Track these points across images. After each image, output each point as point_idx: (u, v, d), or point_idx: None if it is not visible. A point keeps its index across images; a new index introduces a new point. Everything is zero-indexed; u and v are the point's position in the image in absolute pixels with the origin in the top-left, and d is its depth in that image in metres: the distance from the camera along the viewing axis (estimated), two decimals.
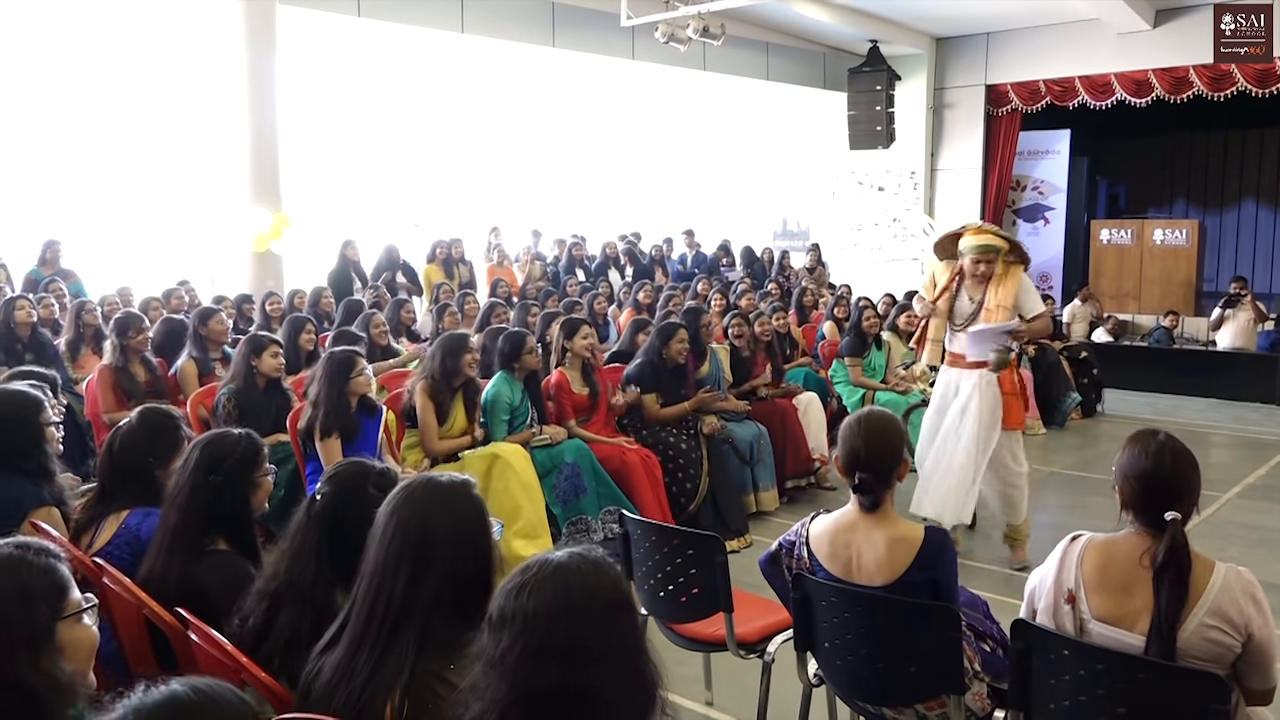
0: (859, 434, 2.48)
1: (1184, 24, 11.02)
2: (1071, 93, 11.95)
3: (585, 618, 1.42)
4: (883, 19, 11.79)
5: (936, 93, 13.01)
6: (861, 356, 7.20)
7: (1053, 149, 13.28)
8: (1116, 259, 13.08)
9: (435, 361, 4.75)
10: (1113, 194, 15.82)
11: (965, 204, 12.89)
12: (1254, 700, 2.14)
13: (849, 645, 2.46)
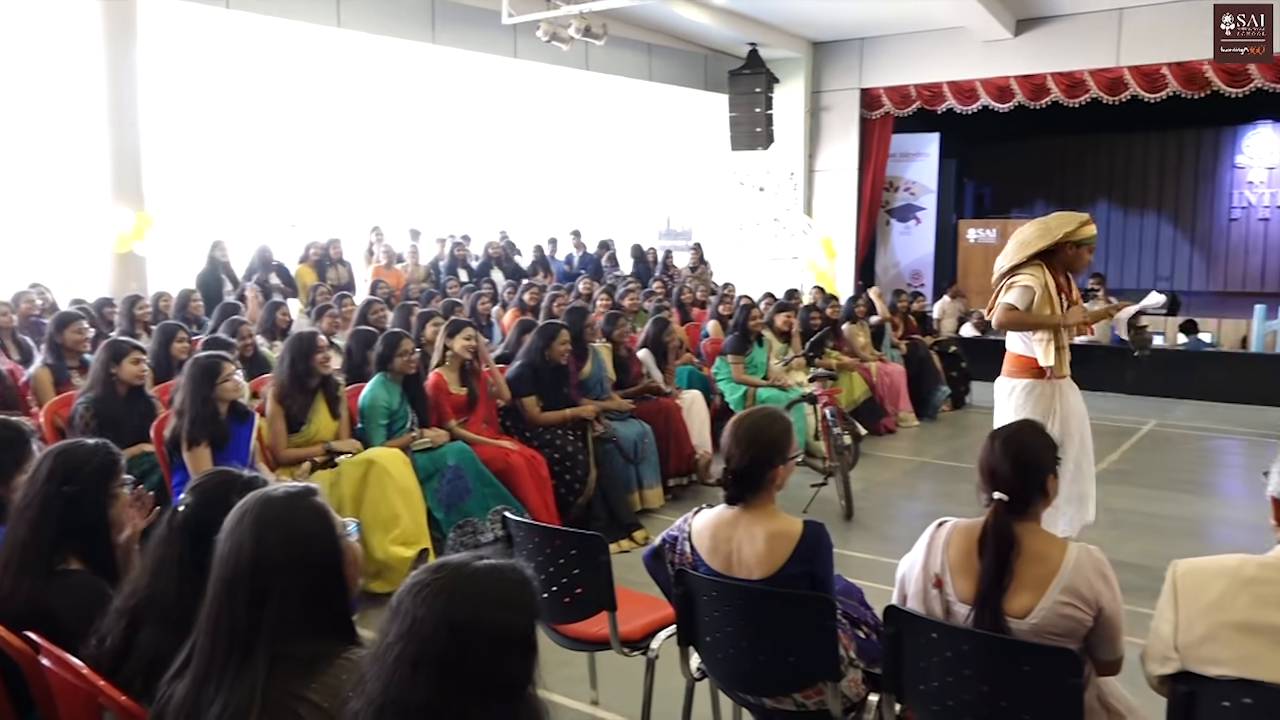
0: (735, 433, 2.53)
1: (1043, 33, 11.61)
2: (940, 97, 12.44)
3: (469, 640, 1.34)
4: (761, 23, 12.03)
5: (814, 96, 13.35)
6: (744, 354, 7.33)
7: (923, 151, 13.81)
8: (983, 257, 13.66)
9: (284, 365, 4.62)
10: (979, 195, 16.56)
11: (842, 204, 13.28)
12: (1104, 670, 2.27)
13: (730, 638, 2.50)
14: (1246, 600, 1.89)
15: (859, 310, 9.08)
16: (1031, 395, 4.55)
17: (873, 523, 5.92)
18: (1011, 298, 4.44)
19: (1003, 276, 4.59)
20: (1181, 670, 1.97)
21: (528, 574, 1.45)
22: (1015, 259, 4.52)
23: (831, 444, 6.08)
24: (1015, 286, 4.46)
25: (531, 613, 1.42)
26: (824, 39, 13.09)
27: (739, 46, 12.69)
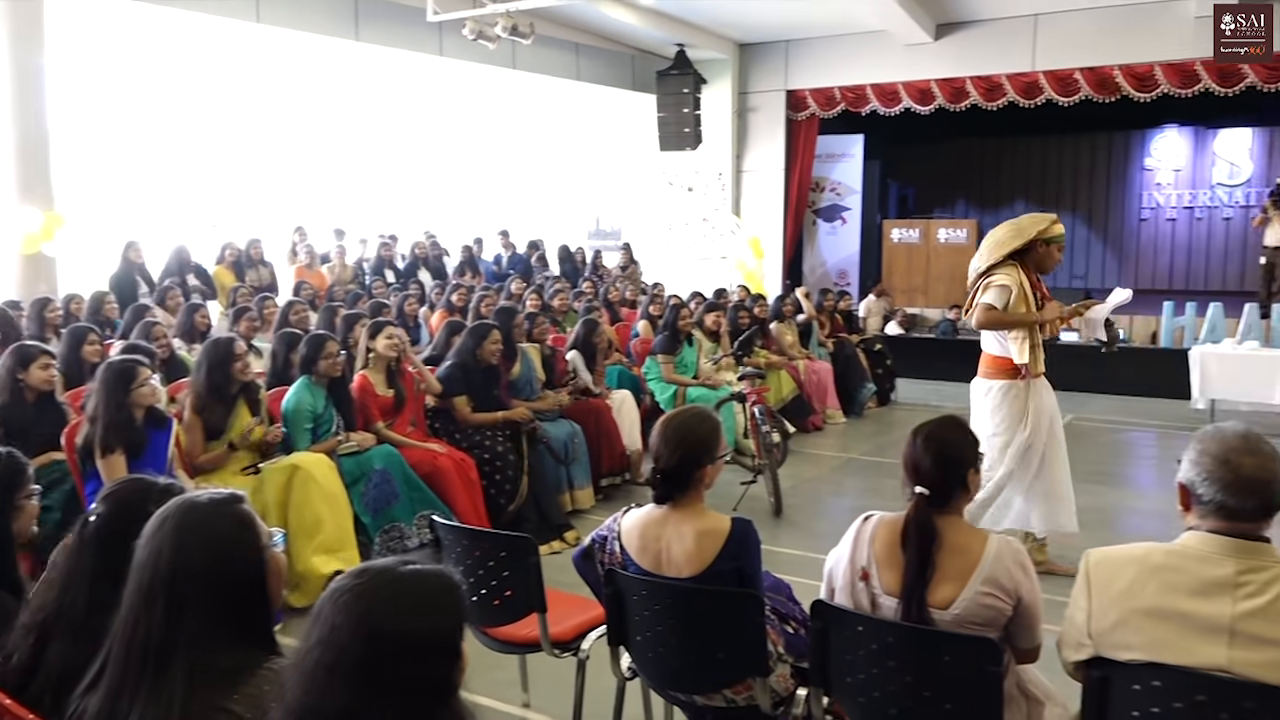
0: (663, 432, 2.54)
1: (962, 37, 11.89)
2: (864, 100, 12.65)
3: (387, 647, 1.31)
4: (688, 24, 12.09)
5: (741, 97, 13.47)
6: (674, 354, 7.36)
7: (848, 153, 14.04)
8: (906, 257, 13.97)
9: (201, 374, 4.48)
10: (902, 196, 16.89)
11: (769, 204, 13.43)
12: (1023, 658, 2.33)
13: (660, 637, 2.51)
14: (1155, 587, 1.96)
15: (787, 309, 9.19)
16: (1007, 396, 4.62)
17: (801, 519, 6.00)
18: (990, 298, 4.53)
19: (979, 277, 4.66)
20: (1095, 656, 2.03)
21: (453, 579, 1.42)
22: (990, 259, 4.60)
23: (760, 442, 6.14)
24: (992, 287, 4.54)
25: (456, 619, 1.39)
26: (750, 40, 13.22)
27: (667, 47, 12.74)
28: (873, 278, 13.99)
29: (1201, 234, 16.45)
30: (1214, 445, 1.98)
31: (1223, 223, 16.25)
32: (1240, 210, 15.95)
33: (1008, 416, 4.62)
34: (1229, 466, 1.93)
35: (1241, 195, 16.05)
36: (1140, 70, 11.00)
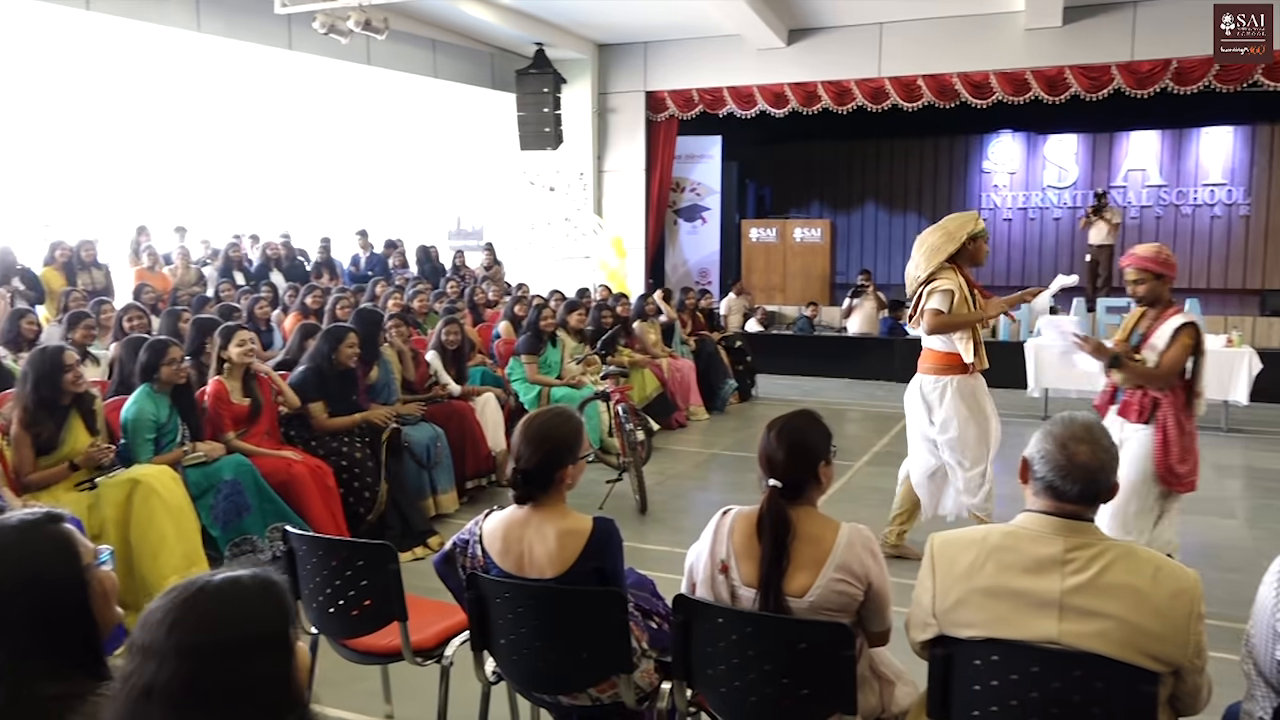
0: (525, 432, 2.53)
1: (813, 43, 12.27)
2: (721, 102, 12.90)
3: (201, 661, 1.26)
4: (547, 23, 12.05)
5: (601, 97, 13.52)
6: (538, 354, 7.33)
7: (707, 154, 14.29)
8: (764, 255, 14.33)
9: (27, 386, 4.15)
10: (760, 196, 17.31)
11: (631, 204, 13.53)
12: (875, 641, 2.43)
13: (524, 639, 2.50)
14: (992, 567, 2.08)
15: (649, 308, 9.29)
16: (961, 390, 4.83)
17: (666, 515, 6.07)
18: (936, 303, 4.71)
19: (920, 284, 4.84)
20: (940, 635, 2.13)
21: (270, 578, 1.37)
22: (929, 266, 4.78)
23: (625, 440, 6.19)
24: (936, 292, 4.72)
25: (275, 615, 1.34)
26: (609, 41, 13.28)
27: (526, 46, 12.66)
28: (733, 276, 14.29)
29: (1035, 233, 17.50)
30: (1058, 430, 2.11)
31: (1053, 222, 17.33)
32: (1068, 211, 17.05)
33: (969, 408, 4.85)
34: (1065, 452, 2.06)
35: (1069, 197, 17.15)
36: (977, 78, 11.61)
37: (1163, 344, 3.99)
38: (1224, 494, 6.62)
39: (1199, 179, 16.43)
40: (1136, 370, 4.03)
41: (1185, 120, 15.86)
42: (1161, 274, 4.09)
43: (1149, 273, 4.08)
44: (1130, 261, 4.14)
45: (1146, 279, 4.09)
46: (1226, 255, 16.32)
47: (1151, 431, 4.01)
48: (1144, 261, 4.09)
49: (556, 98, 12.82)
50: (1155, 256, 4.10)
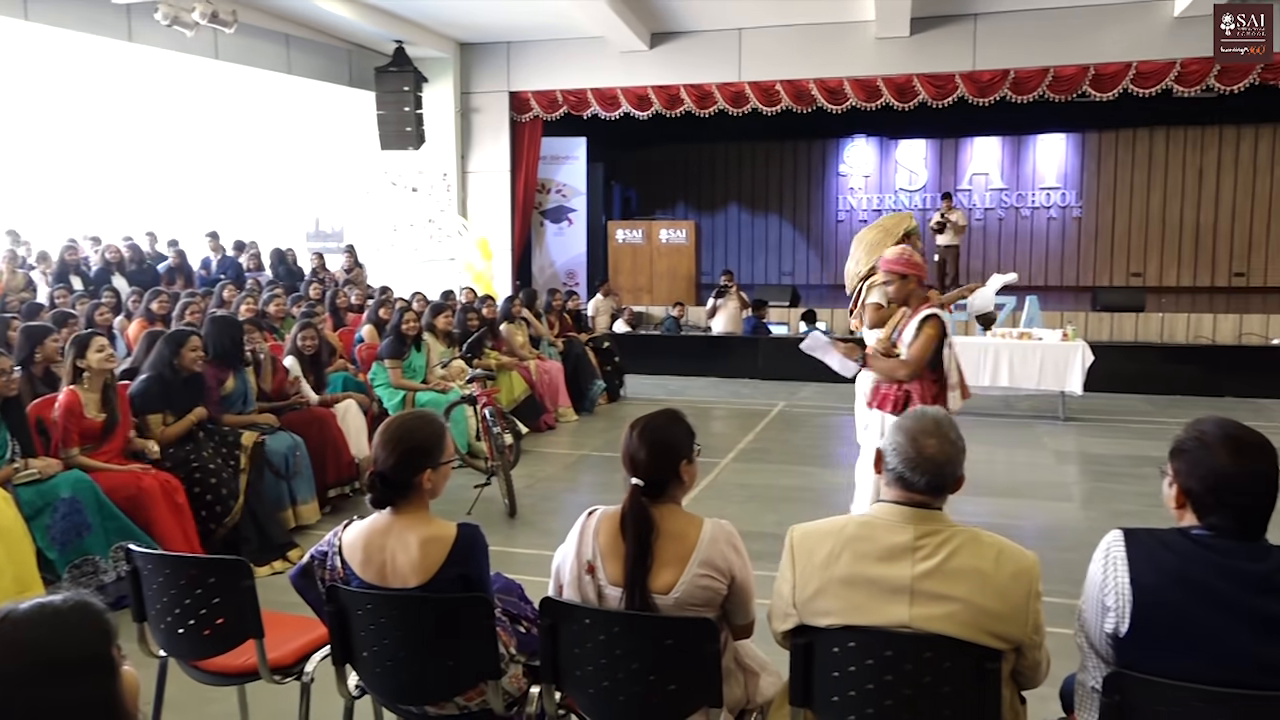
0: (384, 436, 2.47)
1: (675, 47, 12.44)
2: (585, 103, 12.93)
3: (16, 687, 1.22)
4: (407, 20, 11.81)
5: (464, 97, 13.35)
6: (402, 358, 7.18)
7: (572, 155, 14.29)
8: (631, 256, 14.44)
9: None
10: (626, 197, 17.42)
11: (496, 205, 13.41)
12: (739, 634, 2.48)
13: (387, 650, 2.44)
14: (849, 556, 2.15)
15: (516, 309, 9.22)
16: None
17: (536, 518, 6.04)
18: (876, 297, 4.87)
19: (860, 280, 5.00)
20: (800, 624, 2.19)
21: (85, 602, 1.32)
22: (868, 263, 4.95)
23: (492, 444, 6.12)
24: (876, 287, 4.88)
25: (92, 643, 1.29)
26: (471, 40, 13.12)
27: (385, 43, 12.38)
28: (600, 277, 14.33)
29: None
30: (909, 425, 2.20)
31: None
32: (919, 213, 17.80)
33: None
34: (915, 445, 2.15)
35: (920, 199, 17.94)
36: (832, 84, 12.01)
37: (910, 337, 4.26)
38: (1061, 479, 7.05)
39: (1036, 183, 17.46)
40: (885, 363, 4.29)
41: (1023, 127, 16.84)
42: (907, 274, 4.35)
43: (896, 274, 4.35)
44: (882, 266, 4.40)
45: (894, 280, 4.36)
46: (1061, 255, 17.40)
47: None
48: (891, 264, 4.35)
49: (418, 97, 12.58)
50: (899, 257, 4.37)
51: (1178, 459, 2.04)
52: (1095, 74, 11.19)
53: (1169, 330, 11.64)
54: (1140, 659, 1.96)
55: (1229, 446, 1.96)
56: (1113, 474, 7.03)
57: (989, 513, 5.99)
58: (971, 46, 11.47)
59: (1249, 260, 16.61)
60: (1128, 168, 17.03)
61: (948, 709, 2.06)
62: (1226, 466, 1.95)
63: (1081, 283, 16.78)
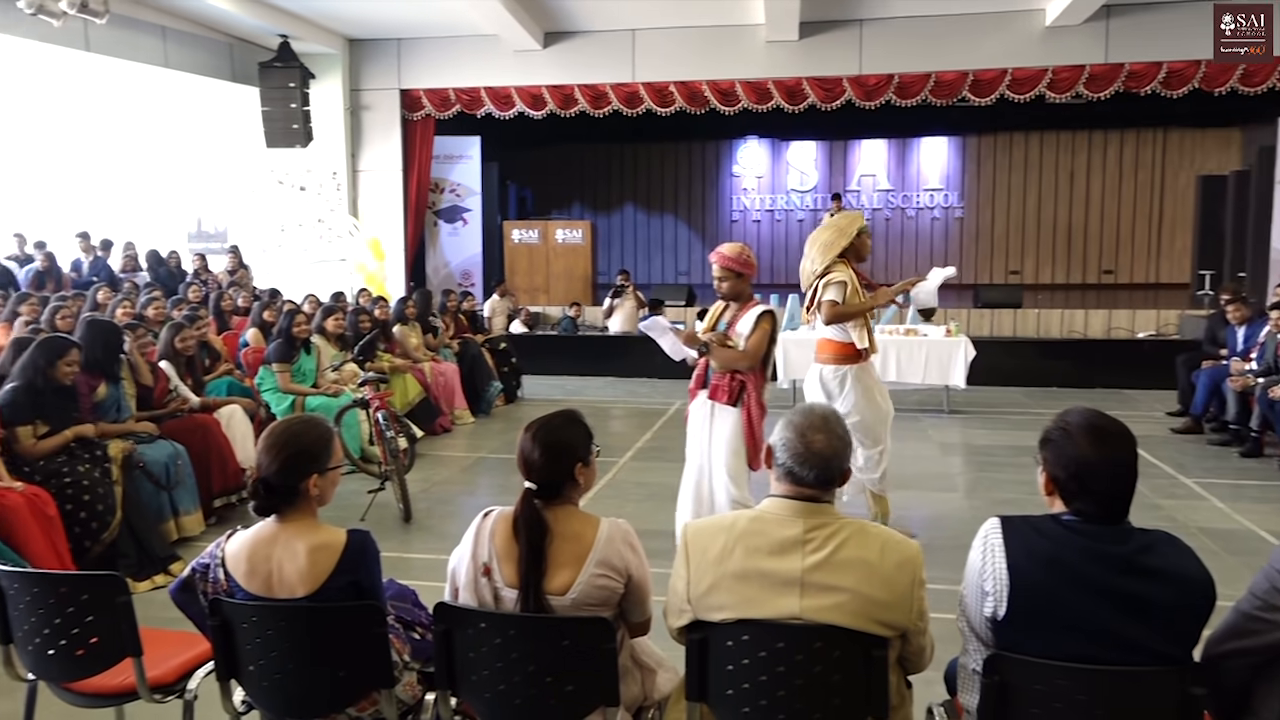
0: (267, 441, 2.40)
1: (569, 47, 12.41)
2: (479, 102, 12.79)
3: None
4: (291, 14, 11.47)
5: (353, 94, 13.04)
6: (291, 362, 6.99)
7: (466, 154, 14.11)
8: (527, 257, 14.36)
9: None
10: (521, 197, 17.31)
11: (388, 205, 13.15)
12: (636, 632, 2.49)
13: (275, 663, 2.36)
14: (741, 551, 2.18)
15: (409, 311, 9.06)
16: (860, 377, 5.22)
17: (432, 522, 5.96)
18: (832, 295, 5.03)
19: (816, 278, 5.11)
20: (695, 620, 2.22)
21: None
22: (824, 261, 5.07)
23: (386, 448, 6.01)
24: (831, 284, 5.05)
25: None
26: (360, 36, 12.83)
27: (269, 38, 12.00)
28: (496, 278, 14.20)
29: (781, 234, 18.59)
30: (798, 420, 2.25)
31: (797, 224, 18.46)
32: (810, 213, 18.23)
33: (865, 393, 5.23)
34: (803, 440, 2.20)
35: (810, 200, 18.35)
36: (724, 86, 12.17)
37: (747, 330, 4.39)
38: (946, 470, 7.31)
39: (920, 184, 18.05)
40: (727, 354, 4.39)
41: (908, 131, 17.41)
42: (742, 272, 4.46)
43: (732, 271, 4.44)
44: (717, 260, 4.46)
45: (729, 276, 4.44)
46: (945, 254, 18.03)
47: (739, 413, 4.41)
48: (728, 260, 4.43)
49: (305, 93, 12.25)
50: (738, 256, 4.46)
51: (1045, 448, 2.15)
52: (974, 80, 11.63)
53: (1044, 326, 12.18)
54: (1018, 641, 2.05)
55: (1090, 436, 2.07)
56: (994, 464, 7.33)
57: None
58: (858, 51, 11.79)
59: (1116, 259, 17.53)
60: (1005, 170, 17.77)
61: (837, 697, 2.12)
62: (1088, 455, 2.05)
63: (964, 280, 17.41)
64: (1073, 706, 1.98)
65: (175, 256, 11.38)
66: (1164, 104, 12.08)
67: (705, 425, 4.51)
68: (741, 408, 4.41)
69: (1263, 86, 11.08)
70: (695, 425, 4.56)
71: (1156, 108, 12.65)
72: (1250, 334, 8.13)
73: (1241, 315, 8.29)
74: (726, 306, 4.56)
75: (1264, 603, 2.02)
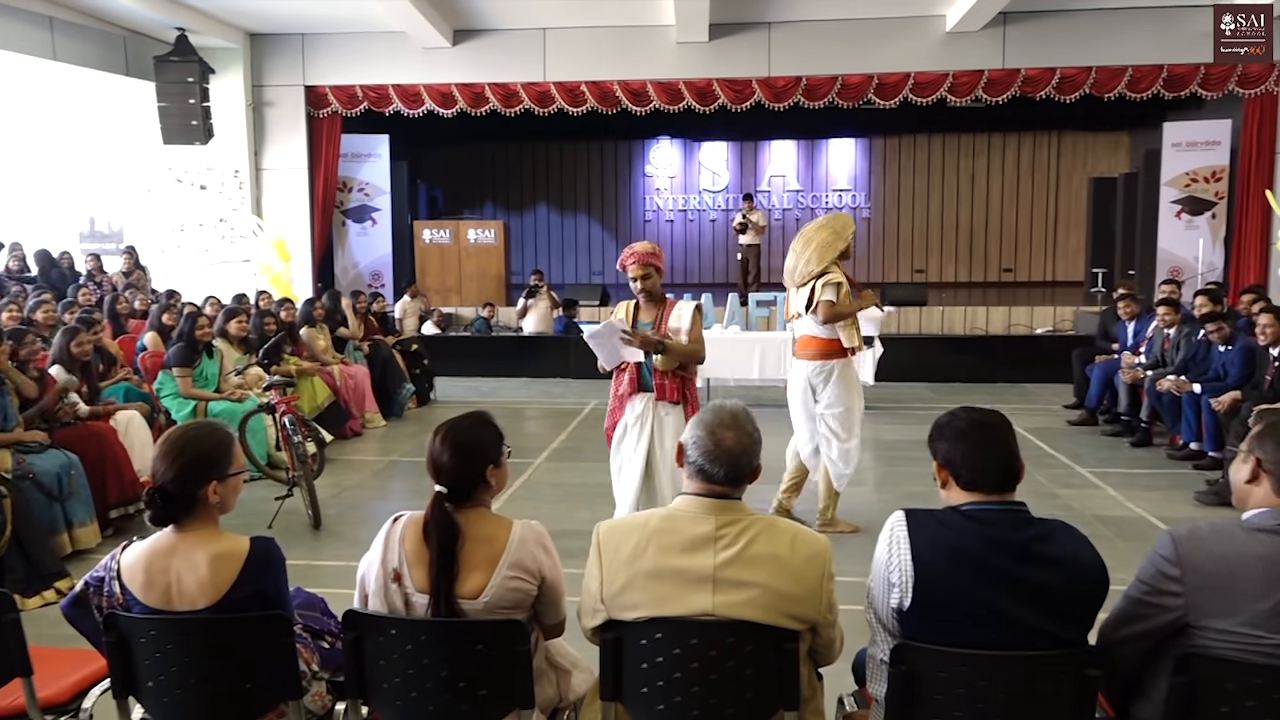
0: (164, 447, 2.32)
1: (479, 45, 12.31)
2: (387, 100, 12.57)
3: None
4: (189, 7, 11.10)
5: (255, 90, 12.69)
6: (192, 366, 6.77)
7: (374, 153, 13.84)
8: (439, 257, 14.17)
9: None
10: (432, 196, 17.07)
11: (294, 204, 12.84)
12: (550, 633, 2.48)
13: (175, 678, 2.28)
14: (654, 549, 2.19)
15: (318, 313, 8.86)
16: (844, 373, 5.43)
17: (343, 528, 5.83)
18: (830, 295, 5.22)
19: (812, 278, 5.24)
20: (609, 620, 2.22)
21: None
22: (822, 262, 5.26)
23: (293, 453, 5.87)
24: (829, 285, 5.24)
25: None
26: (262, 31, 12.49)
27: (165, 30, 11.58)
28: (407, 278, 13.98)
29: (694, 233, 18.73)
30: (708, 418, 2.27)
31: (709, 224, 18.64)
32: (722, 213, 18.41)
33: (847, 388, 5.42)
34: (713, 438, 2.22)
35: (722, 200, 18.53)
36: (635, 86, 12.22)
37: (685, 326, 4.46)
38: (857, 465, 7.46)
39: (829, 185, 18.40)
40: (681, 349, 4.44)
41: (817, 132, 17.73)
42: (660, 268, 4.52)
43: (653, 266, 4.48)
44: (635, 259, 4.45)
45: (651, 272, 4.48)
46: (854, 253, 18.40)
47: (684, 409, 4.51)
48: (649, 257, 4.47)
49: (204, 88, 11.86)
50: (655, 252, 4.52)
51: (933, 443, 2.25)
52: (879, 83, 11.91)
53: (949, 323, 12.55)
54: (922, 630, 2.10)
55: (971, 429, 2.18)
56: (902, 458, 7.51)
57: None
58: (767, 53, 11.96)
59: (1015, 257, 18.15)
60: (910, 172, 18.24)
61: (750, 691, 2.14)
62: (969, 448, 2.15)
63: (872, 279, 17.81)
64: (975, 692, 2.05)
65: (68, 257, 10.89)
66: (1058, 108, 12.56)
67: (650, 426, 4.48)
68: (686, 405, 4.48)
69: (1148, 93, 11.62)
70: (638, 428, 4.52)
71: (1051, 112, 13.14)
72: (1140, 329, 8.52)
73: (1131, 311, 8.68)
74: (638, 306, 4.55)
75: (1151, 587, 2.12)
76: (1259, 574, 2.00)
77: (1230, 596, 2.01)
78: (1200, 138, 12.34)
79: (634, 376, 4.51)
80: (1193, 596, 2.04)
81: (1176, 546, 2.08)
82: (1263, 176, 11.59)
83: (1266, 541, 2.04)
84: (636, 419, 4.51)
